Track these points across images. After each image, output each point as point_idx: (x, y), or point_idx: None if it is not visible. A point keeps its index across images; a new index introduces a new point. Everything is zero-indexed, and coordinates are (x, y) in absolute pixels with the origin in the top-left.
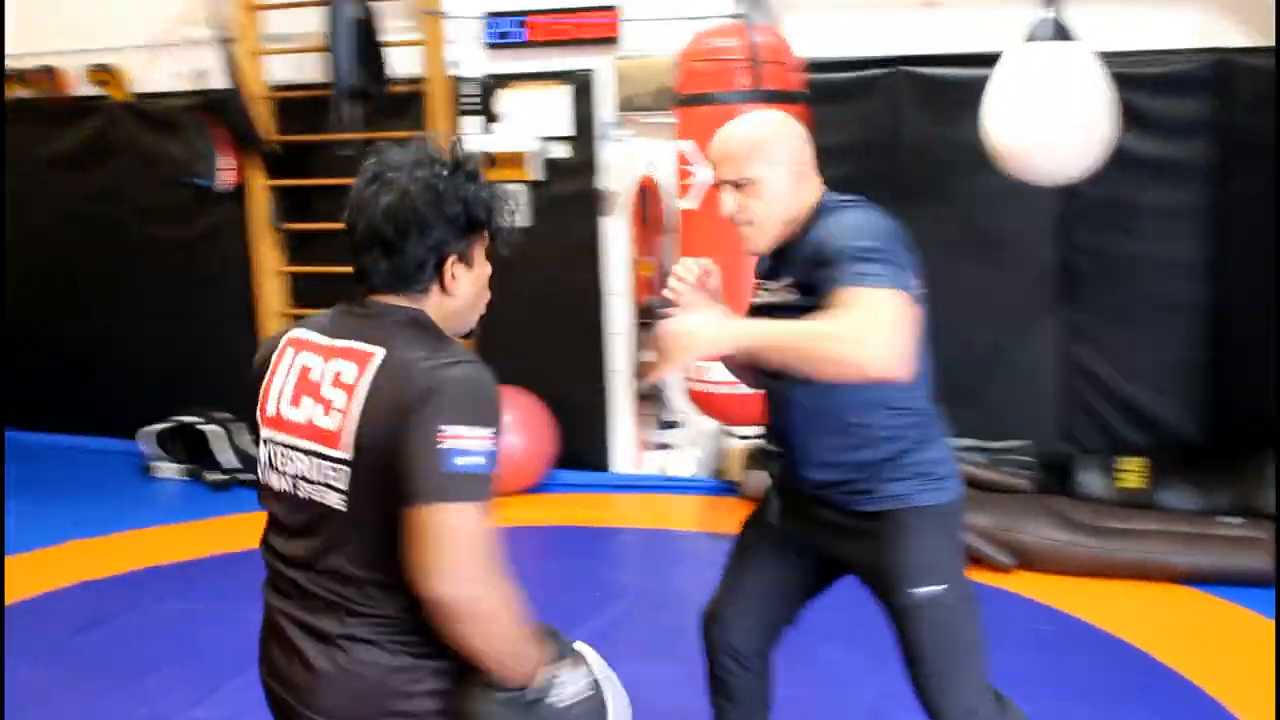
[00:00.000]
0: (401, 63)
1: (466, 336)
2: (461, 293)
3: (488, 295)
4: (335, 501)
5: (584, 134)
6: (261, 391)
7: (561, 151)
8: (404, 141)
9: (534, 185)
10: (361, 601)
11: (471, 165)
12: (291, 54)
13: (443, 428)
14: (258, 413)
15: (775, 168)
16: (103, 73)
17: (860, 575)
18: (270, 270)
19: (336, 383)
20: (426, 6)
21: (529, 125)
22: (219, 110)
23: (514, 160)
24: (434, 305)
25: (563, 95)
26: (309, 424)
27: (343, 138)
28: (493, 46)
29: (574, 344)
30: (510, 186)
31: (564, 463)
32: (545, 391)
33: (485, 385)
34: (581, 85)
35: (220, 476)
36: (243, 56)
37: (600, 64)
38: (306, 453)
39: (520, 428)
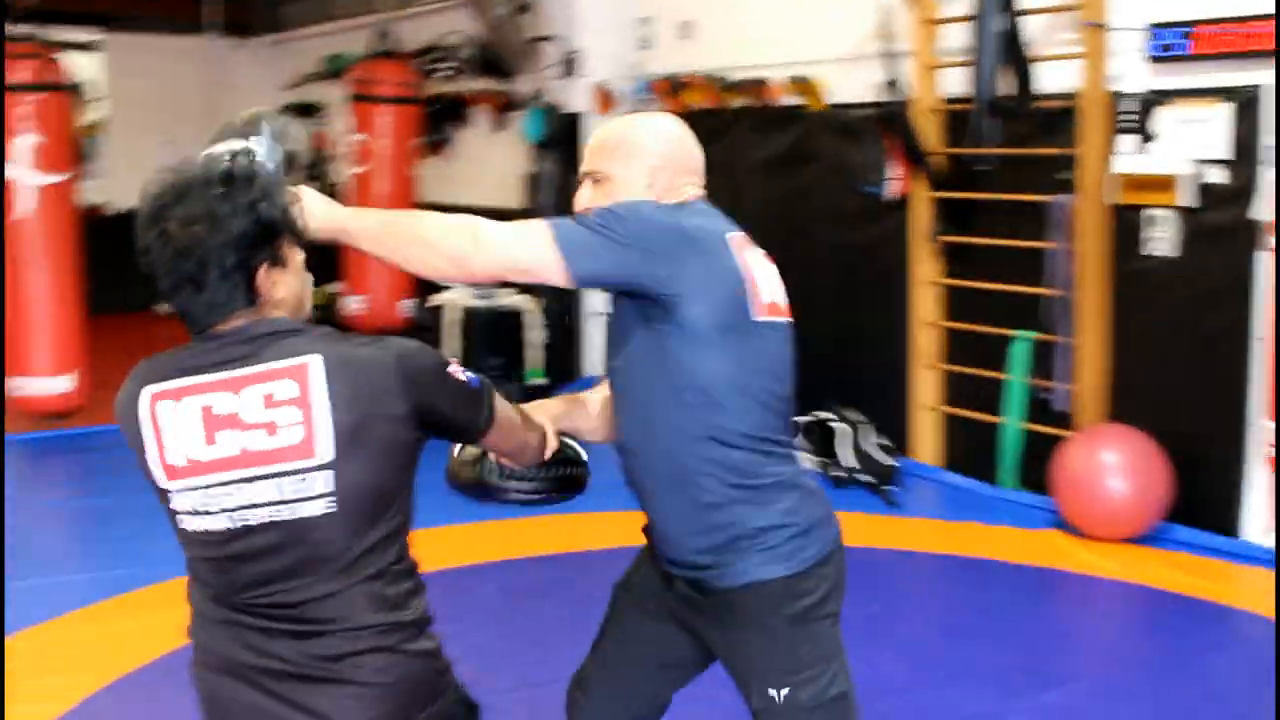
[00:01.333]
0: (1053, 77)
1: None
2: (287, 291)
3: (310, 277)
4: (318, 507)
5: (1244, 158)
6: (151, 458)
7: (1217, 176)
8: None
9: (1184, 212)
10: (349, 613)
11: (245, 170)
12: (964, 67)
13: (444, 372)
14: (156, 477)
15: (633, 168)
16: (802, 84)
17: (719, 659)
18: (926, 281)
19: (272, 404)
20: (1090, 18)
21: (1183, 146)
22: (890, 121)
23: (1164, 184)
24: (271, 310)
25: (1223, 114)
26: (244, 454)
27: (985, 152)
28: (1155, 60)
29: (1209, 388)
30: (1157, 212)
31: (1180, 517)
32: (1167, 435)
33: (416, 343)
34: (1245, 103)
35: (840, 473)
36: (918, 70)
37: (1268, 79)
38: (253, 479)
39: (1129, 471)
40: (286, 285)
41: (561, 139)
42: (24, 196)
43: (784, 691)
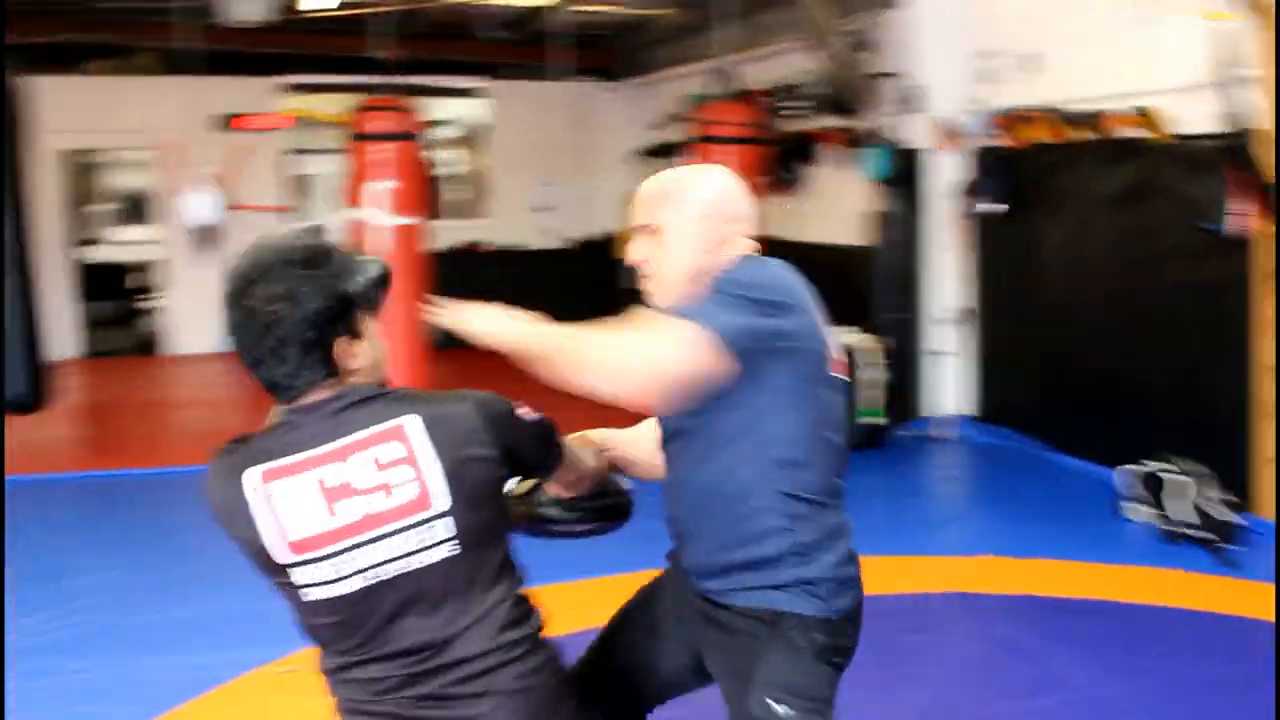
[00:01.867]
0: None
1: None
2: (364, 360)
3: (384, 343)
4: (445, 550)
5: None
6: (270, 540)
7: None
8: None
9: None
10: (484, 638)
11: (323, 248)
12: None
13: (517, 415)
14: (274, 557)
15: (682, 218)
16: (1144, 115)
17: (717, 677)
18: (1271, 324)
19: (383, 466)
20: None
21: None
22: (1233, 153)
23: None
24: (349, 379)
25: None
26: (366, 517)
27: None
28: None
29: None
30: None
31: None
32: None
33: (488, 392)
34: None
35: (1172, 528)
36: (1265, 95)
37: None
38: (380, 538)
39: None
40: (363, 355)
41: (904, 175)
42: (379, 236)
43: (785, 709)
